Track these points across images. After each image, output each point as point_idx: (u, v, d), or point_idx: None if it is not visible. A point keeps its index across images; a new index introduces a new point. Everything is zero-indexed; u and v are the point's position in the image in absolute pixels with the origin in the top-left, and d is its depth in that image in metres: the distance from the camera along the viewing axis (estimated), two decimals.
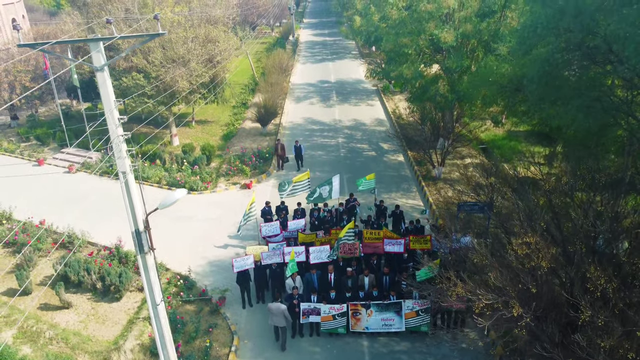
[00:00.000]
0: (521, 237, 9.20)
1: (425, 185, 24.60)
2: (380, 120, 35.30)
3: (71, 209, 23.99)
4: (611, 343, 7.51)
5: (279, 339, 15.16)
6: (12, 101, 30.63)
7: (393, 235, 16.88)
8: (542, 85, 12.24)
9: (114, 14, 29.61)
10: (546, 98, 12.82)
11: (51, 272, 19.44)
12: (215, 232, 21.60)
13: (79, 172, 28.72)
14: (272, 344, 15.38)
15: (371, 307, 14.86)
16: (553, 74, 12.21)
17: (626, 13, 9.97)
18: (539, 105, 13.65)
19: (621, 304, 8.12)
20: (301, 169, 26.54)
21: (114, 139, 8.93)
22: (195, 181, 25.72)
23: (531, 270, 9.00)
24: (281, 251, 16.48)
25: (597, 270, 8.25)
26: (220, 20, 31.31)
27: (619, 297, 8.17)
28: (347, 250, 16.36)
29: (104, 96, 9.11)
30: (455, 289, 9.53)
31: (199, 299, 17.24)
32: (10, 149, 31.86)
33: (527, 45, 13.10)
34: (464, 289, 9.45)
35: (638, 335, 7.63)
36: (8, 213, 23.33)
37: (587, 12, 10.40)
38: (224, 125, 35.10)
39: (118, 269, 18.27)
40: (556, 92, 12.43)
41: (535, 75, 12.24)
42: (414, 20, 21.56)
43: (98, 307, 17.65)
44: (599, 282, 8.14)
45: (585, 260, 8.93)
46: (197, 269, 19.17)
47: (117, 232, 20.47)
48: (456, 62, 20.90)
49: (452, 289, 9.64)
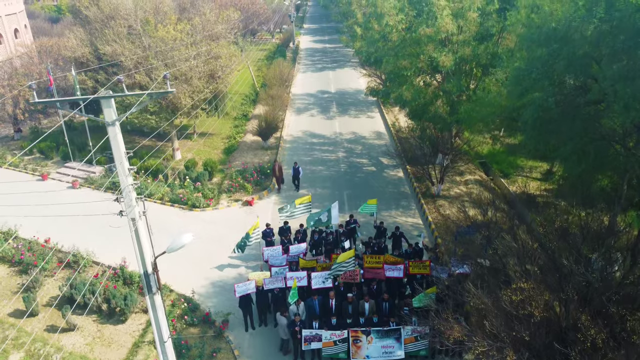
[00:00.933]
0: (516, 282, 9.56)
1: (424, 203, 24.96)
2: (380, 133, 35.67)
3: (76, 227, 24.28)
4: None
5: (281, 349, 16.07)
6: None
7: (394, 259, 17.21)
8: (536, 129, 12.64)
9: (116, 31, 29.99)
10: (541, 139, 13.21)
11: (57, 293, 19.79)
12: (218, 252, 21.93)
13: (82, 188, 29.06)
14: None
15: (371, 334, 15.21)
16: (547, 118, 12.58)
17: (616, 68, 10.34)
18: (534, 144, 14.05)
19: (610, 355, 8.51)
20: (298, 192, 26.54)
21: (124, 188, 9.29)
22: (197, 198, 26.07)
23: (525, 317, 9.40)
24: (283, 277, 16.83)
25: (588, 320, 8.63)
26: (222, 36, 31.63)
27: (609, 346, 8.55)
28: (347, 277, 16.72)
29: (114, 148, 9.48)
30: (452, 332, 9.92)
31: (203, 322, 17.58)
32: (14, 162, 32.20)
33: (522, 87, 13.47)
34: (461, 332, 9.82)
35: None
36: (14, 231, 23.67)
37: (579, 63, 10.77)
38: (225, 138, 35.44)
39: (123, 291, 18.62)
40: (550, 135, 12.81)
41: (530, 118, 12.62)
42: (413, 43, 21.91)
43: (104, 329, 18.01)
44: (589, 333, 8.53)
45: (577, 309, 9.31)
46: (201, 289, 19.54)
47: (121, 250, 20.84)
48: (455, 85, 21.26)
49: (450, 332, 10.02)
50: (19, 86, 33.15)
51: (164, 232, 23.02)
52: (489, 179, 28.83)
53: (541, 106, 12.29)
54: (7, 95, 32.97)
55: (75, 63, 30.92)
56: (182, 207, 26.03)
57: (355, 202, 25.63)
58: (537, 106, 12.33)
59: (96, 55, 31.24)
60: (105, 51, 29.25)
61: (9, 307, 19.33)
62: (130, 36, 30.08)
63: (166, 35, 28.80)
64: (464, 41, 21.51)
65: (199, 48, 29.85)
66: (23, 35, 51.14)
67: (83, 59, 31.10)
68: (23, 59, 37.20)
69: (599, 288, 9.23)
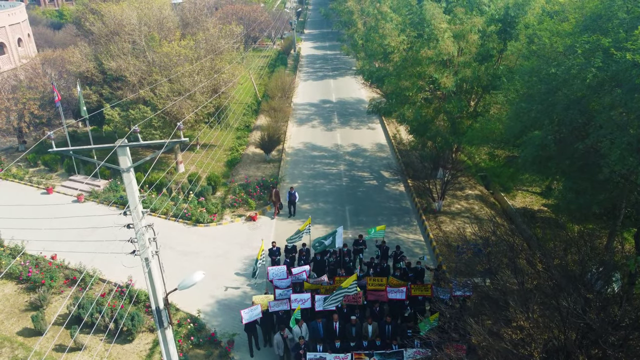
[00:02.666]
0: (516, 320, 9.92)
1: (425, 219, 25.32)
2: (381, 145, 36.03)
3: (82, 243, 24.60)
4: None
5: None
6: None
7: (397, 282, 17.57)
8: (535, 165, 13.01)
9: (120, 46, 30.34)
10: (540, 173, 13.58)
11: (64, 311, 20.14)
12: (223, 269, 22.28)
13: (87, 201, 29.38)
14: None
15: (374, 357, 15.56)
16: (546, 156, 12.96)
17: (614, 116, 10.70)
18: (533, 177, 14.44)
19: None
20: (293, 217, 26.30)
21: (138, 230, 9.65)
22: (201, 213, 26.43)
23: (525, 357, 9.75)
24: (287, 298, 17.18)
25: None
26: (225, 50, 31.98)
27: None
28: (350, 299, 17.07)
29: (129, 193, 9.85)
30: None
31: (209, 342, 17.93)
32: (19, 175, 32.53)
33: (522, 124, 13.84)
34: None
35: None
36: (21, 247, 23.99)
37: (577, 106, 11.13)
38: (227, 149, 35.77)
39: (131, 310, 18.96)
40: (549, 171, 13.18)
41: (529, 156, 13.00)
42: (415, 63, 22.28)
43: (111, 348, 18.34)
44: None
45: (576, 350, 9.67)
46: (206, 308, 19.89)
47: (127, 268, 21.16)
48: (455, 105, 21.63)
49: None
50: (24, 99, 33.50)
51: (168, 249, 23.47)
52: (489, 194, 29.21)
53: (540, 145, 12.68)
54: (12, 108, 33.33)
55: (80, 78, 31.26)
56: (186, 223, 26.39)
57: (356, 218, 26.01)
58: (536, 145, 12.72)
59: (100, 69, 31.59)
60: (110, 66, 29.61)
61: (17, 326, 19.69)
62: (134, 51, 30.44)
63: (170, 51, 29.17)
64: (464, 62, 21.89)
65: (203, 64, 30.22)
66: (26, 44, 51.45)
67: (87, 73, 31.43)
68: (27, 70, 37.54)
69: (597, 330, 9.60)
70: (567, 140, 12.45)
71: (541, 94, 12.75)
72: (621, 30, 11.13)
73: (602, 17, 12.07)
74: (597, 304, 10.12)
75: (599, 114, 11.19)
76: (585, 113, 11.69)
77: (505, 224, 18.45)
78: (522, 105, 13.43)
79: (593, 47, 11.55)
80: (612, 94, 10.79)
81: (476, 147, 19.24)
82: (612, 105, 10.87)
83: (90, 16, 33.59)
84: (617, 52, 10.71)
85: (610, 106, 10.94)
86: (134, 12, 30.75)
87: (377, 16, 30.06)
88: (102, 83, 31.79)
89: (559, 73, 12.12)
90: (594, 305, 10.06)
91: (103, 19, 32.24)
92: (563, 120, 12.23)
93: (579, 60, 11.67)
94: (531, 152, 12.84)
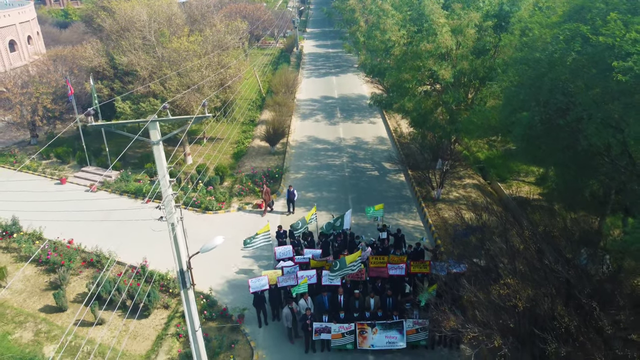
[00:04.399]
0: (504, 278, 11.05)
1: (425, 207, 26.47)
2: (383, 138, 37.19)
3: (96, 228, 25.78)
4: None
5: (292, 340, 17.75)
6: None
7: (397, 259, 18.72)
8: (525, 142, 14.17)
9: (131, 42, 31.51)
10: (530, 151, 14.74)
11: (83, 290, 21.33)
12: (231, 253, 23.40)
13: (99, 191, 30.55)
14: (288, 358, 17.27)
15: (376, 326, 16.73)
16: (534, 134, 14.13)
17: (590, 95, 11.86)
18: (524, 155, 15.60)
19: (582, 338, 9.98)
20: (290, 214, 26.72)
21: (166, 197, 10.81)
22: (210, 201, 27.59)
23: (510, 308, 10.88)
24: (295, 274, 18.35)
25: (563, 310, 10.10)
26: (231, 46, 33.15)
27: (580, 332, 10.01)
28: (354, 275, 18.23)
29: (158, 164, 11.02)
30: (449, 322, 11.42)
31: (221, 317, 19.10)
32: (33, 167, 33.70)
33: (512, 106, 15.02)
34: (456, 322, 11.32)
35: None
36: (39, 233, 25.16)
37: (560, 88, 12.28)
38: (234, 143, 36.94)
39: (146, 288, 20.12)
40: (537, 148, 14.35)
41: (519, 135, 14.16)
42: (415, 57, 23.43)
43: (128, 323, 19.51)
44: (564, 321, 9.99)
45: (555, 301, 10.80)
46: (217, 287, 21.04)
47: (141, 250, 22.38)
48: (453, 96, 22.78)
49: (446, 322, 11.53)
50: (37, 94, 34.68)
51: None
52: (486, 183, 30.34)
53: (528, 124, 13.83)
54: (25, 102, 34.50)
55: (92, 72, 32.44)
56: (195, 210, 27.54)
57: (359, 206, 27.12)
58: (524, 125, 13.89)
59: (111, 64, 32.76)
60: (122, 61, 30.79)
61: (39, 303, 20.85)
62: (144, 47, 31.61)
63: (179, 47, 30.36)
64: (462, 55, 23.03)
65: (210, 59, 31.39)
66: (36, 42, 52.76)
67: (99, 68, 32.61)
68: (38, 66, 38.76)
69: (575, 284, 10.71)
70: (553, 120, 13.61)
71: (530, 79, 13.93)
72: (598, 19, 12.33)
73: (584, 9, 13.26)
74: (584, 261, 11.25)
75: (578, 94, 12.36)
76: (567, 94, 12.85)
77: (498, 211, 19.62)
78: (512, 89, 14.61)
79: (573, 33, 12.76)
80: (589, 74, 11.97)
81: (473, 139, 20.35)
82: (589, 84, 12.04)
83: (102, 13, 34.73)
84: (593, 36, 11.90)
85: (587, 85, 12.11)
86: (144, 8, 31.91)
87: (378, 13, 31.19)
88: (113, 77, 32.96)
89: (543, 57, 13.33)
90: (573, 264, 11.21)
91: (114, 15, 33.40)
92: (548, 101, 13.40)
93: (561, 46, 12.86)
94: (520, 132, 14.02)
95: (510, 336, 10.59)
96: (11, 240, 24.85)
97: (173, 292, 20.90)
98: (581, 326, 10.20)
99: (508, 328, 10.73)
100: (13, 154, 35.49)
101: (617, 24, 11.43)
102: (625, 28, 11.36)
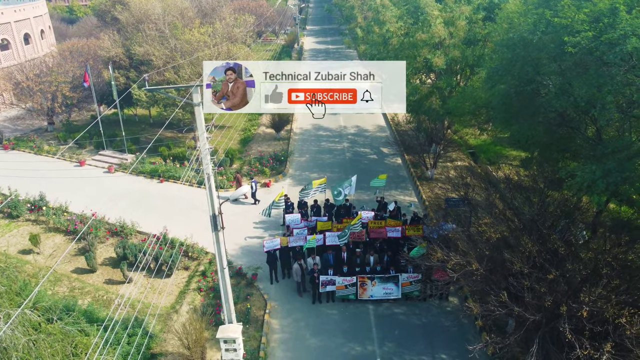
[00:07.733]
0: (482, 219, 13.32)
1: (419, 185, 28.80)
2: (381, 127, 39.52)
3: (116, 205, 28.00)
4: (531, 284, 11.73)
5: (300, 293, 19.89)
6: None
7: (394, 223, 21.05)
8: (502, 112, 16.50)
9: (147, 34, 33.74)
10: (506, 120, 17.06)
11: (110, 255, 23.55)
12: (243, 224, 25.67)
13: (117, 172, 32.76)
14: (297, 308, 19.55)
15: (375, 279, 19.03)
16: (509, 104, 16.48)
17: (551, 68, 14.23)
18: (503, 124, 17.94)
19: (541, 260, 12.26)
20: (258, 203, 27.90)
21: (204, 151, 13.05)
22: (221, 180, 29.82)
23: (486, 240, 13.15)
24: (304, 236, 20.65)
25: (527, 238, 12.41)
26: (239, 39, 35.40)
27: (541, 256, 12.31)
28: (356, 236, 20.54)
29: (198, 122, 13.29)
30: (436, 255, 13.70)
31: (237, 275, 21.37)
32: (52, 151, 35.87)
33: (492, 81, 17.39)
34: (442, 253, 13.59)
35: (548, 278, 11.91)
36: (65, 206, 27.36)
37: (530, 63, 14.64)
38: (240, 130, 39.19)
39: (167, 252, 22.36)
40: (512, 117, 16.68)
41: (497, 104, 16.48)
42: (411, 46, 25.74)
43: (153, 282, 21.75)
44: (527, 246, 12.29)
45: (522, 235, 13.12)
46: (232, 252, 23.29)
47: (160, 223, 24.58)
48: (446, 82, 25.10)
49: (434, 254, 13.82)
50: (56, 82, 36.84)
51: (194, 210, 26.93)
52: (477, 166, 32.67)
53: (504, 95, 16.14)
54: (45, 90, 36.66)
55: (110, 62, 34.65)
56: None
57: (360, 185, 29.37)
58: (501, 95, 16.20)
59: (127, 55, 34.97)
60: (137, 52, 33.01)
61: (70, 266, 23.06)
62: (159, 38, 33.84)
63: (191, 38, 32.59)
64: (454, 45, 25.34)
65: (220, 49, 33.63)
66: (48, 36, 54.83)
67: (116, 58, 34.81)
68: (55, 57, 40.89)
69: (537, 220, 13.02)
70: (525, 92, 15.95)
71: (506, 58, 16.25)
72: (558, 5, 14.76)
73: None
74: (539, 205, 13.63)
75: (543, 66, 14.72)
76: (534, 67, 15.20)
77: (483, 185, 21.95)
78: (493, 67, 16.93)
79: (540, 17, 15.17)
80: (549, 49, 14.34)
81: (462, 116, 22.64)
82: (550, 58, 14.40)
83: (118, 6, 36.91)
84: (554, 19, 14.27)
85: (548, 59, 14.47)
86: (158, 2, 34.14)
87: (378, 8, 33.49)
88: (129, 67, 35.17)
89: (514, 37, 15.71)
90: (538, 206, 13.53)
91: (130, 9, 35.60)
92: (519, 74, 15.77)
93: (529, 27, 15.21)
94: (498, 101, 16.35)
95: (485, 261, 12.87)
96: (39, 214, 27.01)
97: (192, 256, 23.13)
98: (542, 250, 12.48)
99: (483, 255, 13.02)
100: (32, 140, 37.64)
101: (570, 8, 13.91)
102: (577, 11, 13.76)
